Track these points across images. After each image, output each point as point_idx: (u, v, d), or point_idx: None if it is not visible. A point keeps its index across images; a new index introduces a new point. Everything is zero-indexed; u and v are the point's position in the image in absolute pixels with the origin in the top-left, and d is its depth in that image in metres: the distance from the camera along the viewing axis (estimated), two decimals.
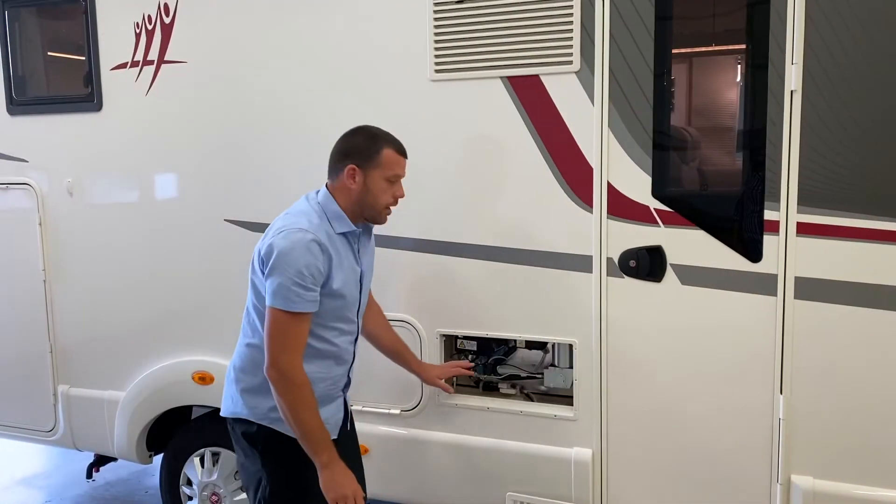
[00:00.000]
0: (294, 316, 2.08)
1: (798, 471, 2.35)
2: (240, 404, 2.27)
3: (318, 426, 2.13)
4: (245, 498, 3.11)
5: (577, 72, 2.43)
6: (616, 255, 2.46)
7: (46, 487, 4.29)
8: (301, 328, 2.11)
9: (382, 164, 2.18)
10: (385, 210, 2.24)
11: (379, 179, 2.18)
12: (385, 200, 2.22)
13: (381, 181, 2.19)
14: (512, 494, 2.68)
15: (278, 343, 2.09)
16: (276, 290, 2.07)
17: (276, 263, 2.06)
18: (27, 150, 3.32)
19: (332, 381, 2.27)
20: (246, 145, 2.92)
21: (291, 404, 2.10)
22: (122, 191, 3.19)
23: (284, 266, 2.05)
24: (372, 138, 2.20)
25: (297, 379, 2.10)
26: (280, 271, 2.06)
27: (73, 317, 3.34)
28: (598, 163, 2.44)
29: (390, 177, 2.20)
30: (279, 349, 2.09)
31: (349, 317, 2.26)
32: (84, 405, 3.36)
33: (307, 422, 2.11)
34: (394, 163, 2.20)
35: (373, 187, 2.18)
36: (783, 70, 2.22)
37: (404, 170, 2.25)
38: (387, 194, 2.21)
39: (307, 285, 2.07)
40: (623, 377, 2.52)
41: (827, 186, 2.22)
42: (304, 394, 2.10)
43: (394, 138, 2.23)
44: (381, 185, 2.19)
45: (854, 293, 2.23)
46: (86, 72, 3.14)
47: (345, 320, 2.25)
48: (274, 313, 2.09)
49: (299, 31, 2.78)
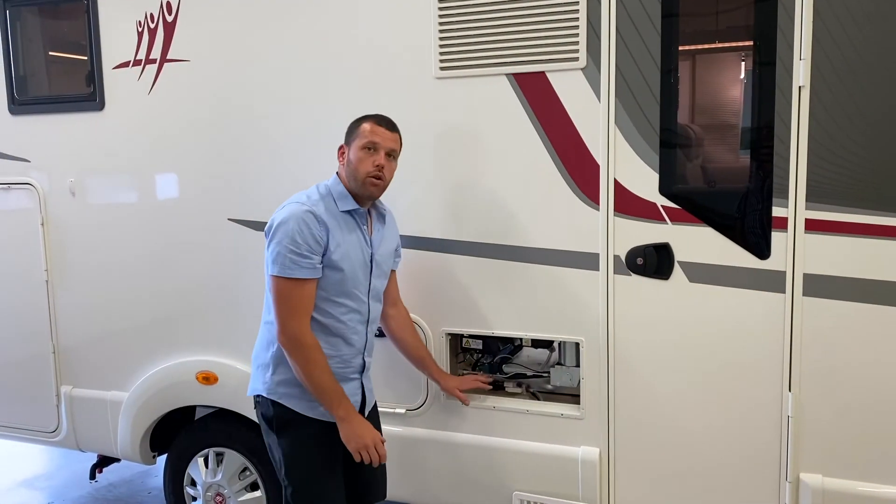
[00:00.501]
0: (293, 282, 2.20)
1: (807, 469, 2.34)
2: (255, 381, 2.38)
3: (331, 382, 2.23)
4: (250, 498, 3.12)
5: (584, 68, 2.41)
6: (623, 253, 2.45)
7: (49, 488, 4.28)
8: (303, 293, 2.21)
9: (360, 135, 2.30)
10: (368, 180, 2.28)
11: (356, 149, 2.29)
12: (364, 169, 2.28)
13: (358, 150, 2.29)
14: (519, 494, 2.67)
15: (284, 309, 2.21)
16: (274, 259, 2.21)
17: (273, 234, 2.22)
18: (29, 150, 3.30)
19: (340, 359, 2.32)
20: (249, 144, 2.90)
21: (303, 366, 2.21)
22: (124, 190, 3.17)
23: (281, 235, 2.19)
24: (359, 119, 2.35)
25: (306, 341, 2.21)
26: (277, 240, 2.20)
27: (76, 317, 3.32)
28: (604, 160, 2.43)
29: (366, 144, 2.28)
30: (286, 315, 2.21)
31: (355, 293, 2.32)
32: (87, 406, 3.35)
33: (319, 379, 2.21)
34: (370, 132, 2.29)
35: (353, 157, 2.30)
36: (791, 66, 2.20)
37: (385, 140, 2.30)
38: (365, 163, 2.28)
39: (302, 252, 2.18)
40: (630, 375, 2.51)
41: (836, 182, 2.21)
42: (313, 354, 2.21)
43: (380, 115, 2.34)
44: (359, 155, 2.28)
45: (863, 290, 2.22)
46: (88, 71, 3.13)
47: (350, 296, 2.30)
48: (274, 281, 2.22)
49: (303, 29, 2.77)
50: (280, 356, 2.29)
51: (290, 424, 2.31)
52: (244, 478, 3.13)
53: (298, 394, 2.30)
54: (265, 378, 2.33)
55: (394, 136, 2.33)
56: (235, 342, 3.02)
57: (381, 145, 2.28)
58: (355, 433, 2.24)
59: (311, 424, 2.31)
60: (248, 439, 3.04)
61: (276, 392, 2.31)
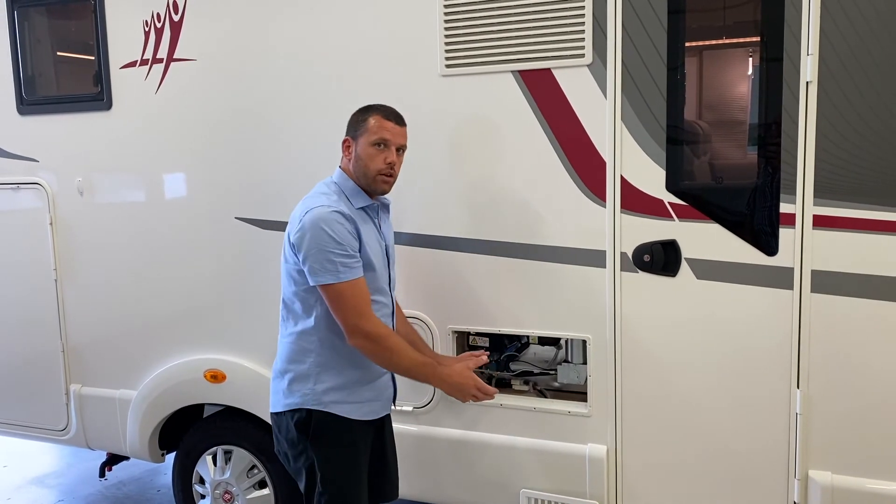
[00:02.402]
0: (350, 283, 2.15)
1: (816, 466, 2.33)
2: (290, 396, 2.29)
3: (419, 357, 2.24)
4: (259, 496, 3.12)
5: (590, 65, 2.41)
6: (630, 250, 2.44)
7: (59, 486, 4.30)
8: (362, 290, 2.19)
9: (368, 130, 2.24)
10: (379, 177, 2.26)
11: (366, 145, 2.24)
12: (375, 166, 2.24)
13: (368, 147, 2.24)
14: (526, 491, 2.67)
15: (350, 313, 2.16)
16: (321, 268, 2.13)
17: (311, 244, 2.13)
18: (38, 150, 3.32)
19: None
20: (257, 143, 2.91)
21: (390, 357, 2.20)
22: (132, 190, 3.18)
23: (320, 242, 2.11)
24: (363, 110, 2.29)
25: (381, 332, 2.19)
26: (317, 249, 2.12)
27: (85, 316, 3.34)
28: (611, 157, 2.42)
29: (376, 141, 2.24)
30: (355, 317, 2.16)
31: (384, 289, 2.33)
32: (96, 404, 3.37)
33: (409, 362, 2.21)
34: (378, 127, 2.24)
35: (362, 154, 2.25)
36: (799, 61, 2.19)
37: (395, 136, 2.26)
38: (376, 160, 2.24)
39: (349, 252, 2.15)
40: (637, 373, 2.50)
41: (844, 178, 2.20)
42: (393, 341, 2.20)
43: (386, 107, 2.28)
44: (369, 151, 2.24)
45: (872, 286, 2.21)
46: (95, 71, 3.14)
47: (382, 292, 2.31)
48: (328, 290, 2.15)
49: (309, 27, 2.77)
50: (324, 363, 2.24)
51: (330, 431, 2.26)
52: (252, 475, 3.15)
53: (346, 397, 2.26)
54: (306, 389, 2.25)
55: (402, 130, 2.30)
56: (243, 341, 3.02)
57: (392, 142, 2.25)
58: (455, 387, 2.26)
59: (352, 429, 2.27)
60: (257, 437, 3.05)
61: (322, 402, 2.25)
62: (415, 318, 2.75)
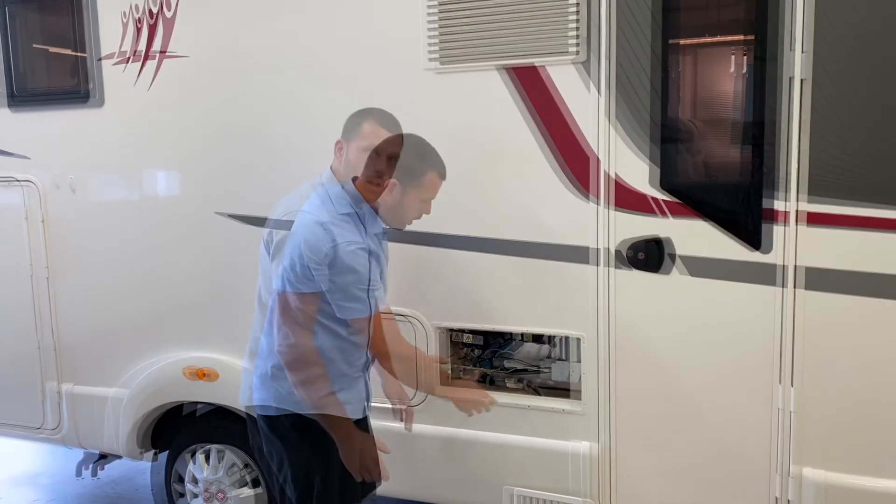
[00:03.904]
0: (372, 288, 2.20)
1: (809, 464, 2.32)
2: (261, 391, 2.31)
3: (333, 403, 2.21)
4: (246, 495, 3.11)
5: (579, 61, 2.39)
6: (621, 247, 2.43)
7: (49, 486, 4.27)
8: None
9: (423, 186, 2.23)
10: (370, 187, 2.25)
11: (415, 199, 2.24)
12: (413, 216, 2.29)
13: (416, 201, 2.25)
14: (518, 489, 2.66)
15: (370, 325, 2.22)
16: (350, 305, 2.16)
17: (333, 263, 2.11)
18: (29, 146, 3.30)
19: (348, 362, 2.28)
20: (248, 139, 2.90)
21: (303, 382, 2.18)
22: (123, 187, 3.17)
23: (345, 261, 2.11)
24: (421, 158, 2.23)
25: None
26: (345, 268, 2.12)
27: (76, 314, 3.32)
28: (601, 154, 2.41)
29: (427, 198, 2.26)
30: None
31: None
32: (87, 403, 3.35)
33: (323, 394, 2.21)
34: (434, 187, 2.25)
35: (407, 203, 2.24)
36: (791, 58, 2.18)
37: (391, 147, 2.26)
38: (416, 212, 2.28)
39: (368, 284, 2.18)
40: (630, 370, 2.49)
41: (836, 175, 2.18)
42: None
43: (440, 160, 2.25)
44: (416, 205, 2.26)
45: (864, 283, 2.20)
46: (87, 67, 3.13)
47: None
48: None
49: (299, 24, 2.76)
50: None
51: (298, 427, 2.26)
52: (243, 474, 3.13)
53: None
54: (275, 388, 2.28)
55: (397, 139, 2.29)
56: (232, 338, 3.00)
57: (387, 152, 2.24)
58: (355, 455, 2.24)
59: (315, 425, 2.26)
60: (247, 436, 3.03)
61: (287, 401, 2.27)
62: (405, 317, 2.73)
